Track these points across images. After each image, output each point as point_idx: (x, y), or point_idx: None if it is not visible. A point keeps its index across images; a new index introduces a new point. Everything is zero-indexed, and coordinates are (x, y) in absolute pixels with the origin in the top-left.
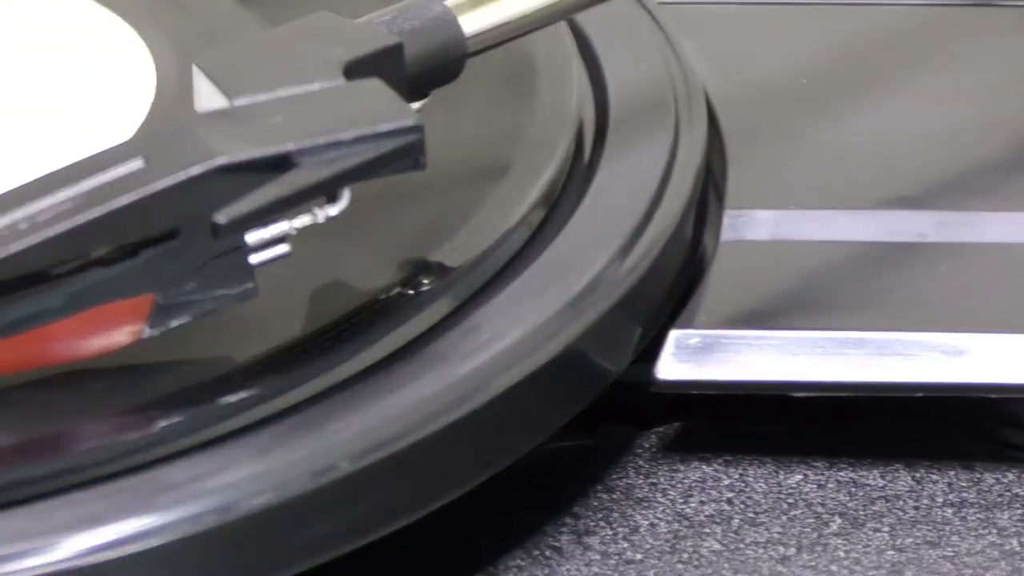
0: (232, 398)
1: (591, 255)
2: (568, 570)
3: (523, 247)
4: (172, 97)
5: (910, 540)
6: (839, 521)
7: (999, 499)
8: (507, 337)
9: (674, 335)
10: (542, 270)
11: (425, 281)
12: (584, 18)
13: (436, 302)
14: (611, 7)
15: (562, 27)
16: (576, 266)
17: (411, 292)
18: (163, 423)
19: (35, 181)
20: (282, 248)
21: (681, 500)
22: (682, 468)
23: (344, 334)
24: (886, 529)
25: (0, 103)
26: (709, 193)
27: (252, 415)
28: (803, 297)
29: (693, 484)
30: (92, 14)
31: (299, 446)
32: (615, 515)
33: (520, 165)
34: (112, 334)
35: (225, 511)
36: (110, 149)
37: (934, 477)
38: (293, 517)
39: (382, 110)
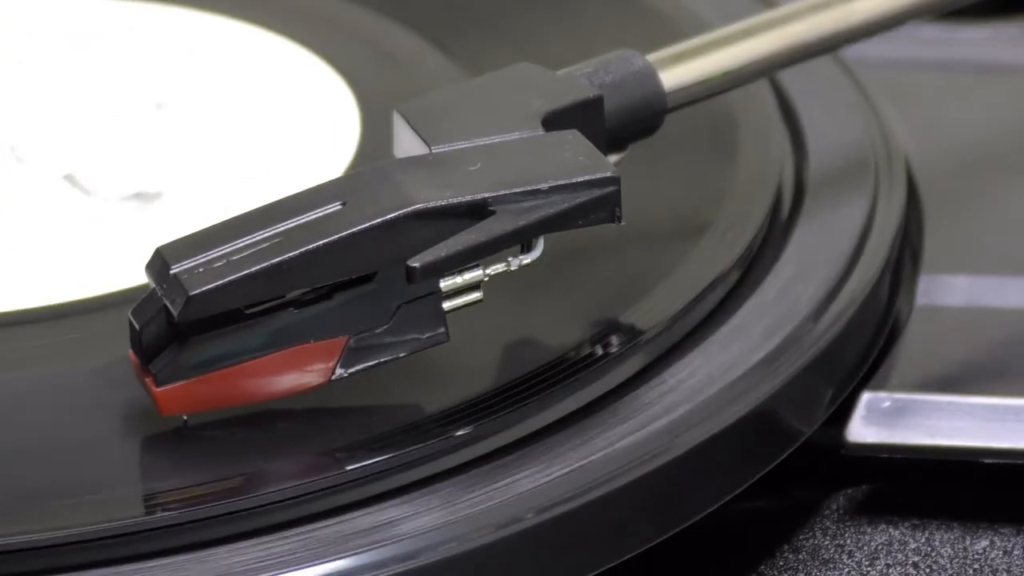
0: (419, 446)
1: (785, 315)
2: None
3: (718, 306)
4: (375, 143)
5: None
6: None
7: None
8: (699, 395)
9: (866, 398)
10: (736, 329)
11: (618, 336)
12: (786, 79)
13: (629, 358)
14: (814, 70)
15: (763, 86)
16: (770, 326)
17: (603, 347)
18: (350, 467)
19: (232, 219)
20: (475, 295)
21: (867, 563)
22: (869, 531)
23: (533, 387)
24: None
25: (205, 143)
26: (905, 257)
27: (439, 464)
28: (996, 364)
29: (879, 547)
30: (298, 58)
31: (485, 498)
32: None
33: (718, 224)
34: (304, 374)
35: (409, 559)
36: (307, 190)
37: None
38: (475, 569)
39: (579, 161)
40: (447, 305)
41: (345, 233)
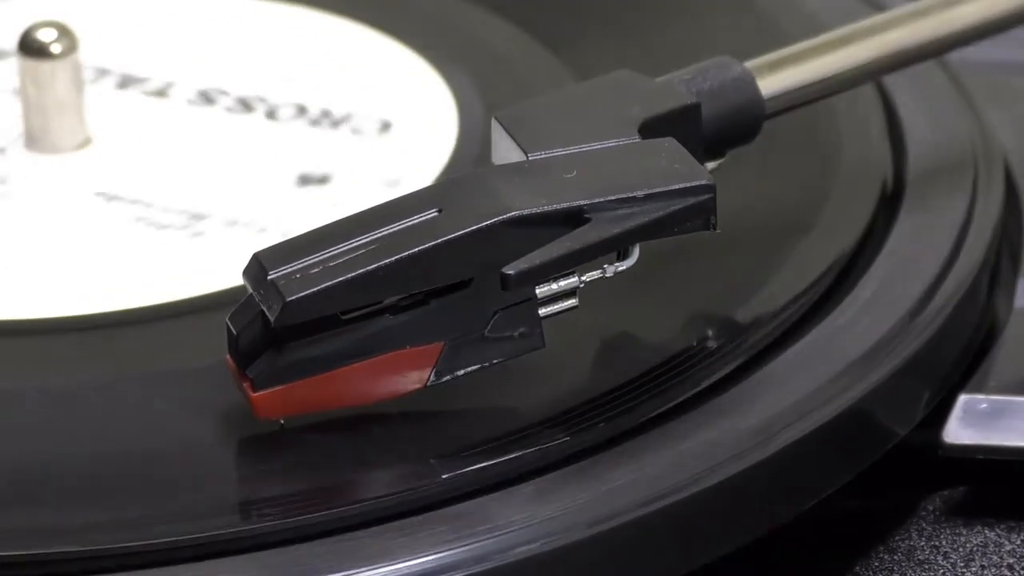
0: (514, 446)
1: (882, 315)
2: None
3: (815, 304)
4: (473, 147)
5: None
6: None
7: None
8: (794, 393)
9: (963, 399)
10: (833, 328)
11: (714, 334)
12: (888, 80)
13: (725, 356)
14: (915, 71)
15: (865, 87)
16: (867, 325)
17: (700, 345)
18: (445, 470)
19: (328, 225)
20: (570, 301)
21: (962, 564)
22: (964, 532)
23: (630, 385)
24: None
25: (301, 145)
26: (1004, 259)
27: (534, 462)
28: None
29: (975, 549)
30: (399, 57)
31: (578, 494)
32: None
33: (817, 224)
34: (400, 380)
35: (501, 554)
36: (403, 197)
37: None
38: (569, 566)
39: (675, 169)
40: (543, 311)
41: (441, 240)
